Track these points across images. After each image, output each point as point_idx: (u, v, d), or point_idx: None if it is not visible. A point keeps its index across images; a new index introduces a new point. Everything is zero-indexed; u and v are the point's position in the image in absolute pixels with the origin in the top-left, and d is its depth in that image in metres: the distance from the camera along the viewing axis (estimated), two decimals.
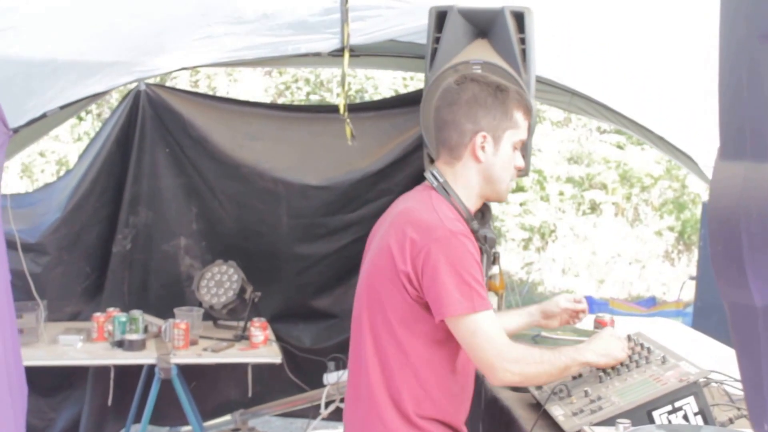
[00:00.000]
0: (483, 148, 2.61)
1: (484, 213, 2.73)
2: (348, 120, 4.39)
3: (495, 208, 10.49)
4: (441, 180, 2.63)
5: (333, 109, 4.98)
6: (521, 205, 12.69)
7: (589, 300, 8.51)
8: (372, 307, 2.61)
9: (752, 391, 1.06)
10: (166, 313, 5.00)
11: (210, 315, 5.09)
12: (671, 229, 12.58)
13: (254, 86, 12.85)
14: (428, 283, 2.45)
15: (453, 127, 2.64)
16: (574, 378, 2.81)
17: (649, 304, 8.45)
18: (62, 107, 4.55)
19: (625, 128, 5.01)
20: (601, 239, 12.47)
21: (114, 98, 11.68)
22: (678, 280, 11.43)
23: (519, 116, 2.65)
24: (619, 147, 13.07)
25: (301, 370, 5.27)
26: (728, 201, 1.07)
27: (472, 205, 2.67)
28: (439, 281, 2.43)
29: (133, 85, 5.15)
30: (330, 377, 4.79)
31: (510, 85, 2.72)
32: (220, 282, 5.03)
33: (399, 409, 2.56)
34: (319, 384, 4.89)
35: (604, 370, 2.71)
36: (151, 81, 5.21)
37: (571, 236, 12.56)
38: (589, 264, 12.23)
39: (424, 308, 2.51)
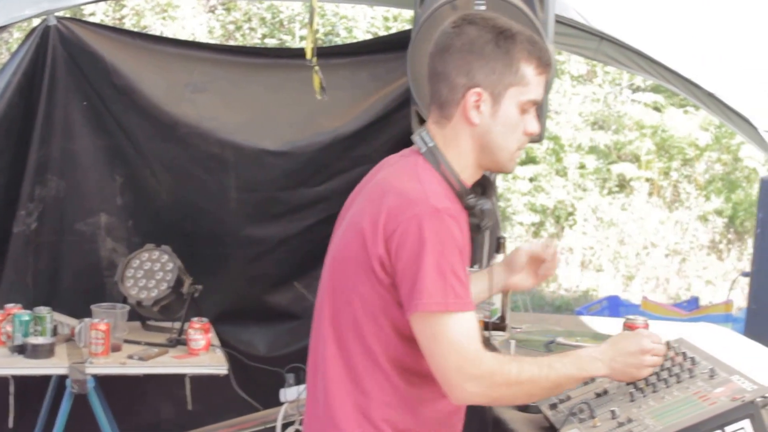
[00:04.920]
0: (477, 107, 2.59)
1: (485, 188, 2.71)
2: (317, 68, 4.38)
3: (498, 183, 10.48)
4: (430, 144, 2.62)
5: (297, 53, 4.96)
6: (531, 180, 12.72)
7: (615, 301, 8.58)
8: (336, 297, 2.61)
9: None
10: (81, 310, 4.97)
11: (137, 313, 5.07)
12: (719, 213, 12.65)
13: (195, 26, 12.79)
14: (402, 268, 2.45)
15: (443, 80, 2.62)
16: (598, 395, 2.81)
17: (691, 307, 8.51)
18: None
19: (665, 83, 5.02)
20: (632, 225, 12.52)
21: (15, 37, 11.61)
22: (727, 277, 11.51)
23: (529, 71, 2.60)
24: (657, 109, 13.12)
25: (252, 384, 5.23)
26: None
27: (468, 176, 2.65)
28: (412, 268, 2.42)
29: (40, 19, 5.10)
30: (288, 393, 4.78)
31: (520, 30, 2.68)
32: (151, 272, 5.00)
33: (367, 418, 2.56)
34: (275, 401, 4.88)
35: (636, 386, 2.71)
36: (63, 14, 5.16)
37: (594, 220, 12.61)
38: (615, 256, 12.29)
39: (395, 300, 2.51)
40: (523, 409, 3.11)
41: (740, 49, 4.63)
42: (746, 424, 2.45)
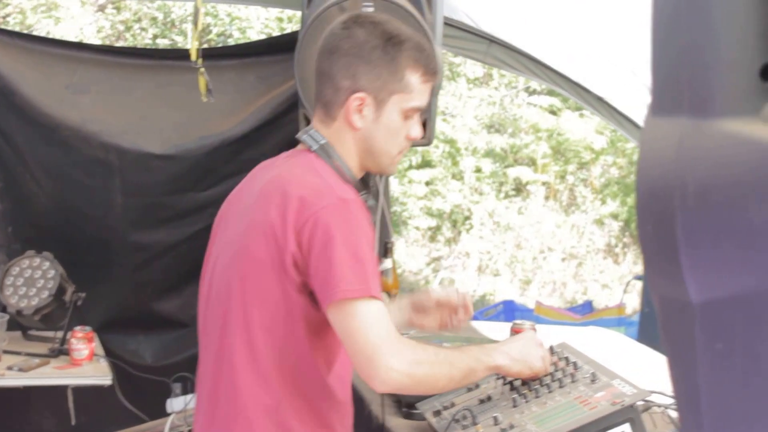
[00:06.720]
0: (360, 111, 2.63)
1: (363, 178, 2.75)
2: (202, 69, 4.35)
3: (392, 186, 10.50)
4: (322, 141, 2.65)
5: (183, 54, 4.93)
6: (427, 184, 12.77)
7: (510, 305, 8.66)
8: (248, 301, 2.59)
9: (686, 407, 1.07)
10: None
11: (18, 323, 4.99)
12: (615, 216, 12.82)
13: (84, 26, 12.63)
14: (315, 259, 2.46)
15: (328, 81, 2.66)
16: (481, 402, 2.83)
17: (585, 311, 8.62)
18: None
19: (556, 87, 5.08)
20: (528, 229, 12.63)
21: None
22: (623, 280, 11.68)
23: (414, 78, 2.65)
24: (552, 112, 13.25)
25: (138, 394, 5.20)
26: (660, 169, 1.07)
27: (354, 174, 2.70)
28: (326, 257, 2.44)
29: None
30: (175, 403, 4.74)
31: (410, 36, 2.71)
32: (32, 279, 4.93)
33: (280, 424, 2.57)
34: (162, 412, 4.84)
35: (518, 392, 2.74)
36: None
37: (490, 225, 12.69)
38: (511, 260, 12.39)
39: (308, 300, 2.52)
40: (408, 416, 3.13)
41: (628, 51, 4.70)
42: (626, 428, 2.50)
